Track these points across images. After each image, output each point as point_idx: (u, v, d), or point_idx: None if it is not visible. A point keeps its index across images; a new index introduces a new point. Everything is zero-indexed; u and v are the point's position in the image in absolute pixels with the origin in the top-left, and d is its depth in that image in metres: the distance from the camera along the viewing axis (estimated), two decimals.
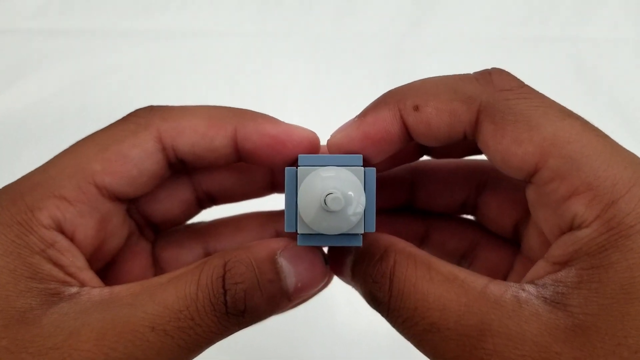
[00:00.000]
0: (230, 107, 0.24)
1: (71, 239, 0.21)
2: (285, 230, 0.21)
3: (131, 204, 0.25)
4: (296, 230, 0.20)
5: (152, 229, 0.27)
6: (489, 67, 0.21)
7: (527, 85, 0.21)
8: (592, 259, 0.18)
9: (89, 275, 0.21)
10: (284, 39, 0.62)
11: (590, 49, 0.62)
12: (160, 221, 0.26)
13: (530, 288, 0.19)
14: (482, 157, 0.24)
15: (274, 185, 0.27)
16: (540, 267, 0.19)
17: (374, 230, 0.20)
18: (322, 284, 0.22)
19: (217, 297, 0.19)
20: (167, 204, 0.26)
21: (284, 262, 0.20)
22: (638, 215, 0.18)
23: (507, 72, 0.21)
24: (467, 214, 0.27)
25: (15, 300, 0.19)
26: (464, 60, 0.62)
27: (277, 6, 0.65)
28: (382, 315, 0.21)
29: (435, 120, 0.20)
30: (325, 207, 0.19)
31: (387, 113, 0.21)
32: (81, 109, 0.57)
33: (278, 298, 0.20)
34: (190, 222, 0.29)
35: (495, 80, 0.21)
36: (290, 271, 0.20)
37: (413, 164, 0.26)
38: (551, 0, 0.66)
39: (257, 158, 0.23)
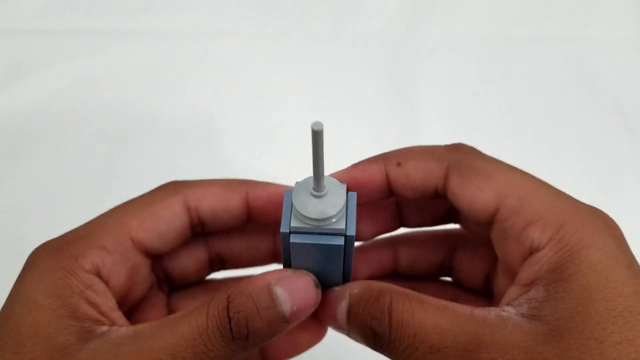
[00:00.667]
0: (242, 179, 0.29)
1: (106, 282, 0.25)
2: (281, 230, 0.24)
3: (155, 260, 0.29)
4: (289, 230, 0.24)
5: (168, 284, 0.31)
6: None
7: (480, 152, 0.27)
8: (553, 274, 0.22)
9: (118, 315, 0.25)
10: (284, 40, 0.63)
11: (590, 49, 0.62)
12: (177, 277, 0.31)
13: (508, 308, 0.23)
14: (450, 226, 0.30)
15: (275, 255, 0.32)
16: (512, 291, 0.24)
17: (354, 233, 0.24)
18: (314, 306, 0.25)
19: (223, 325, 0.22)
20: (185, 262, 0.30)
21: (279, 290, 0.23)
22: (581, 235, 0.22)
23: (470, 145, 0.27)
24: (445, 275, 0.31)
25: (57, 337, 0.22)
26: (463, 61, 0.62)
27: (276, 7, 0.65)
28: (383, 350, 0.24)
29: (413, 173, 0.26)
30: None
31: (375, 165, 0.26)
32: (81, 109, 0.57)
33: (277, 322, 0.23)
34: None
35: (460, 149, 0.27)
36: (285, 297, 0.23)
37: (394, 236, 0.31)
38: (551, 0, 0.66)
39: (265, 214, 0.28)
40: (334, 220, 0.24)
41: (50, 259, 0.24)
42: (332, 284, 0.26)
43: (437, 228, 0.31)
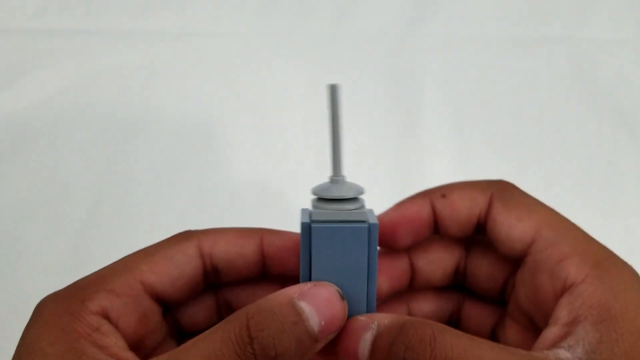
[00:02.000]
0: (257, 227, 0.28)
1: (115, 326, 0.24)
2: (301, 222, 0.24)
3: (166, 310, 0.27)
4: (310, 220, 0.24)
5: (177, 332, 0.30)
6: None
7: (525, 191, 0.27)
8: (599, 313, 0.21)
9: (129, 355, 0.23)
10: (284, 39, 0.63)
11: (590, 50, 0.62)
12: (187, 327, 0.29)
13: (562, 352, 0.21)
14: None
15: None
16: (550, 332, 0.22)
17: (377, 222, 0.24)
18: (343, 319, 0.23)
19: (243, 347, 0.20)
20: (194, 311, 0.29)
21: (302, 304, 0.21)
22: (618, 276, 0.22)
23: (510, 182, 0.28)
24: (458, 282, 0.30)
25: None
26: (464, 61, 0.62)
27: (276, 6, 0.65)
28: None
29: (459, 202, 0.27)
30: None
31: (420, 200, 0.27)
32: (82, 109, 0.57)
33: (306, 340, 0.21)
34: None
35: (503, 183, 0.27)
36: (311, 311, 0.21)
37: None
38: (552, 0, 0.66)
39: (280, 261, 0.27)
40: (354, 208, 0.24)
41: (56, 305, 0.23)
42: (355, 303, 0.24)
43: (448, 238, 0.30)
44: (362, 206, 0.24)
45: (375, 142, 0.56)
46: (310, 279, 0.24)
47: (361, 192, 0.24)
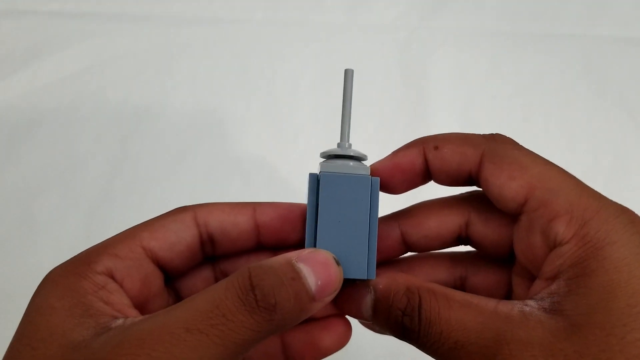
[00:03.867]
0: (248, 201, 0.29)
1: (120, 285, 0.25)
2: (310, 173, 0.26)
3: (168, 281, 0.29)
4: (319, 172, 0.26)
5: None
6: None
7: (520, 144, 0.27)
8: (575, 269, 0.23)
9: (134, 312, 0.24)
10: (296, 28, 0.63)
11: (599, 47, 0.62)
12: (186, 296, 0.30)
13: (531, 303, 0.23)
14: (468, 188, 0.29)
15: None
16: (536, 285, 0.24)
17: (378, 179, 0.26)
18: (338, 283, 0.25)
19: (245, 293, 0.21)
20: (194, 284, 0.30)
21: (300, 265, 0.23)
22: (605, 232, 0.23)
23: (506, 135, 0.27)
24: (463, 244, 0.31)
25: (71, 334, 0.22)
26: (474, 55, 0.62)
27: None
28: (411, 342, 0.24)
29: (449, 157, 0.26)
30: None
31: (414, 149, 0.27)
32: (96, 91, 0.58)
33: (303, 296, 0.23)
34: None
35: (496, 138, 0.27)
36: (308, 271, 0.23)
37: (404, 211, 0.31)
38: None
39: (273, 229, 0.28)
40: (358, 167, 0.26)
41: (63, 268, 0.25)
42: (357, 253, 0.26)
43: (451, 196, 0.30)
44: (365, 168, 0.27)
45: (385, 132, 0.57)
46: (316, 231, 0.26)
47: (364, 157, 0.27)
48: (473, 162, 0.26)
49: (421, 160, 0.27)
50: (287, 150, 0.55)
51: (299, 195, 0.53)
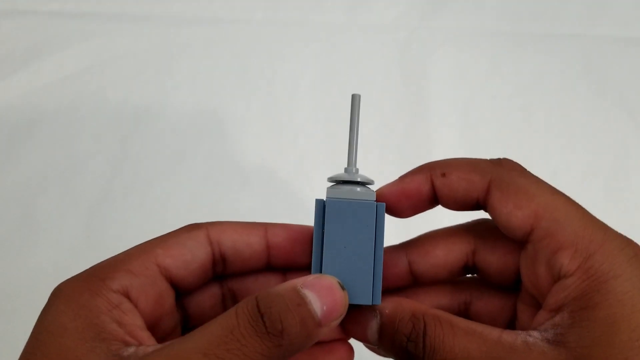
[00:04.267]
0: (260, 222, 0.29)
1: (135, 305, 0.25)
2: (316, 199, 0.26)
3: (177, 297, 0.29)
4: (325, 198, 0.26)
5: (184, 327, 0.31)
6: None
7: (526, 170, 0.27)
8: (579, 302, 0.23)
9: (146, 335, 0.24)
10: (296, 28, 0.63)
11: (599, 47, 0.62)
12: (194, 317, 0.30)
13: (535, 333, 0.24)
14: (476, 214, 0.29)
15: None
16: (540, 315, 0.25)
17: (384, 204, 0.26)
18: (344, 307, 0.25)
19: (255, 320, 0.22)
20: (202, 302, 0.30)
21: (306, 291, 0.23)
22: (610, 265, 0.23)
23: (514, 161, 0.27)
24: (470, 273, 0.31)
25: None
26: (474, 55, 0.62)
27: None
28: None
29: (456, 184, 0.27)
30: None
31: (421, 175, 0.27)
32: (96, 91, 0.58)
33: (309, 321, 0.23)
34: None
35: (504, 163, 0.27)
36: (314, 297, 0.23)
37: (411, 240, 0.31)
38: None
39: (284, 250, 0.29)
40: (364, 193, 0.27)
41: (76, 283, 0.24)
42: (362, 277, 0.26)
43: (458, 225, 0.31)
44: (372, 193, 0.27)
45: (386, 132, 0.57)
46: (322, 256, 0.26)
47: (371, 182, 0.27)
48: (480, 189, 0.26)
49: (428, 186, 0.27)
50: (287, 150, 0.55)
51: (299, 195, 0.53)
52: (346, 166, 0.28)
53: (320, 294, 0.24)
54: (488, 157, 0.28)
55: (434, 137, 0.56)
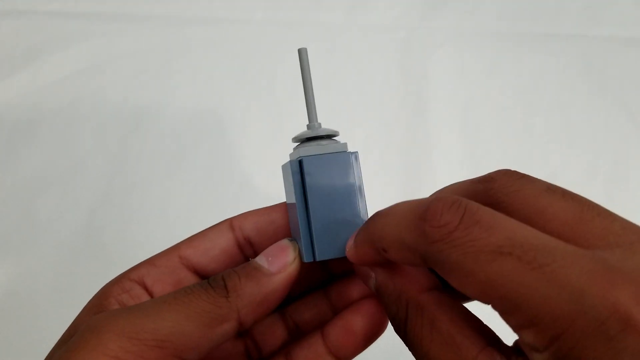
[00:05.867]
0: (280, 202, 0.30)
1: (150, 291, 0.27)
2: (290, 161, 0.27)
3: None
4: (299, 157, 0.27)
5: None
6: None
7: (461, 223, 0.21)
8: None
9: None
10: (296, 28, 0.63)
11: (599, 48, 0.62)
12: None
13: None
14: None
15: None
16: (523, 344, 0.21)
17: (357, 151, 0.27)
18: (292, 252, 0.26)
19: (204, 284, 0.25)
20: None
21: (254, 257, 0.26)
22: (582, 348, 0.19)
23: (442, 208, 0.21)
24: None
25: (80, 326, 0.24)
26: (474, 55, 0.62)
27: None
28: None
29: (399, 260, 0.24)
30: None
31: (371, 250, 0.25)
32: (96, 91, 0.58)
33: (256, 273, 0.25)
34: None
35: (427, 229, 0.21)
36: (260, 256, 0.26)
37: None
38: None
39: None
40: (335, 145, 0.27)
41: (111, 280, 0.28)
42: (351, 223, 0.26)
43: None
44: (342, 145, 0.27)
45: (386, 132, 0.57)
46: (308, 216, 0.26)
47: (336, 133, 0.28)
48: (420, 265, 0.23)
49: (379, 258, 0.25)
50: (287, 150, 0.55)
51: None
52: (308, 122, 0.28)
53: (266, 250, 0.26)
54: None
55: (434, 137, 0.57)
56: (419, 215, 0.22)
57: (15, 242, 0.50)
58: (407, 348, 0.24)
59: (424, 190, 0.51)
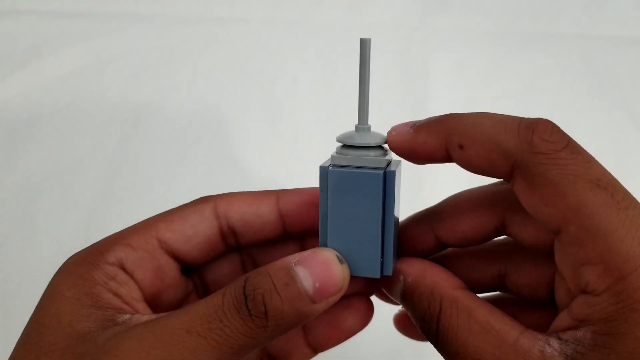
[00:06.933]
0: (271, 189, 0.28)
1: (131, 276, 0.25)
2: (320, 166, 0.25)
3: (191, 270, 0.29)
4: (330, 164, 0.25)
5: (206, 292, 0.31)
6: (536, 116, 0.23)
7: (567, 147, 0.22)
8: (603, 326, 0.20)
9: (142, 306, 0.25)
10: (296, 28, 0.63)
11: (600, 47, 0.62)
12: (213, 286, 0.30)
13: (554, 343, 0.21)
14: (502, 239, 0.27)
15: None
16: (564, 318, 0.22)
17: (395, 170, 0.24)
18: (341, 282, 0.24)
19: (239, 301, 0.22)
20: (221, 272, 0.30)
21: (298, 268, 0.23)
22: None
23: (552, 128, 0.22)
24: (498, 289, 0.29)
25: (77, 325, 0.23)
26: (474, 55, 0.62)
27: None
28: (431, 342, 0.24)
29: (475, 162, 0.23)
30: None
31: (436, 141, 0.24)
32: (96, 90, 0.58)
33: (299, 300, 0.22)
34: None
35: (535, 139, 0.22)
36: (305, 274, 0.22)
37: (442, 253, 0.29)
38: None
39: (298, 217, 0.27)
40: (374, 155, 0.24)
41: (78, 256, 0.25)
42: (369, 247, 0.25)
43: (487, 244, 0.28)
44: (384, 154, 0.25)
45: (386, 132, 0.57)
46: (327, 226, 0.25)
47: (383, 142, 0.25)
48: (503, 172, 0.23)
49: (442, 153, 0.24)
50: (287, 150, 0.55)
51: None
52: (357, 123, 0.25)
53: (314, 270, 0.23)
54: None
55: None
56: (527, 125, 0.22)
57: (15, 242, 0.50)
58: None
59: (424, 190, 0.51)
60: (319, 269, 0.23)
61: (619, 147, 0.57)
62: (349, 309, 0.28)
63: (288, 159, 0.55)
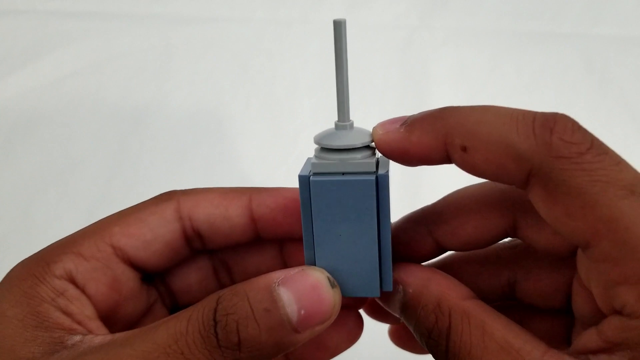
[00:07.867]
0: (245, 187, 0.25)
1: (82, 290, 0.22)
2: (299, 174, 0.21)
3: (158, 280, 0.26)
4: (309, 173, 0.21)
5: (172, 301, 0.27)
6: (553, 111, 0.20)
7: (592, 147, 0.19)
8: None
9: (96, 324, 0.22)
10: (296, 27, 0.63)
11: (600, 46, 0.62)
12: (180, 293, 0.27)
13: None
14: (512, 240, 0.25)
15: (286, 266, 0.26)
16: (592, 338, 0.19)
17: (387, 172, 0.20)
18: (331, 310, 0.20)
19: (207, 329, 0.18)
20: (187, 278, 0.26)
21: (282, 290, 0.19)
22: None
23: (572, 125, 0.19)
24: (508, 298, 0.26)
25: (20, 350, 0.20)
26: (474, 54, 0.62)
27: None
28: None
29: (482, 167, 0.20)
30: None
31: (433, 142, 0.20)
32: (95, 90, 0.58)
33: (280, 329, 0.19)
34: None
35: (554, 140, 0.18)
36: (289, 298, 0.19)
37: (448, 257, 0.26)
38: None
39: (273, 222, 0.24)
40: (360, 157, 0.20)
41: (22, 268, 0.22)
42: (365, 263, 0.21)
43: (497, 245, 0.25)
44: (372, 154, 0.21)
45: None
46: (313, 241, 0.21)
47: (369, 142, 0.21)
48: (516, 180, 0.19)
49: (440, 155, 0.20)
50: (287, 150, 0.55)
51: None
52: (336, 120, 0.21)
53: (300, 294, 0.19)
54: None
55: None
56: (543, 122, 0.19)
57: (14, 242, 0.50)
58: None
59: (423, 189, 0.51)
60: (306, 294, 0.19)
61: (619, 147, 0.57)
62: (335, 325, 0.22)
63: (288, 159, 0.55)
